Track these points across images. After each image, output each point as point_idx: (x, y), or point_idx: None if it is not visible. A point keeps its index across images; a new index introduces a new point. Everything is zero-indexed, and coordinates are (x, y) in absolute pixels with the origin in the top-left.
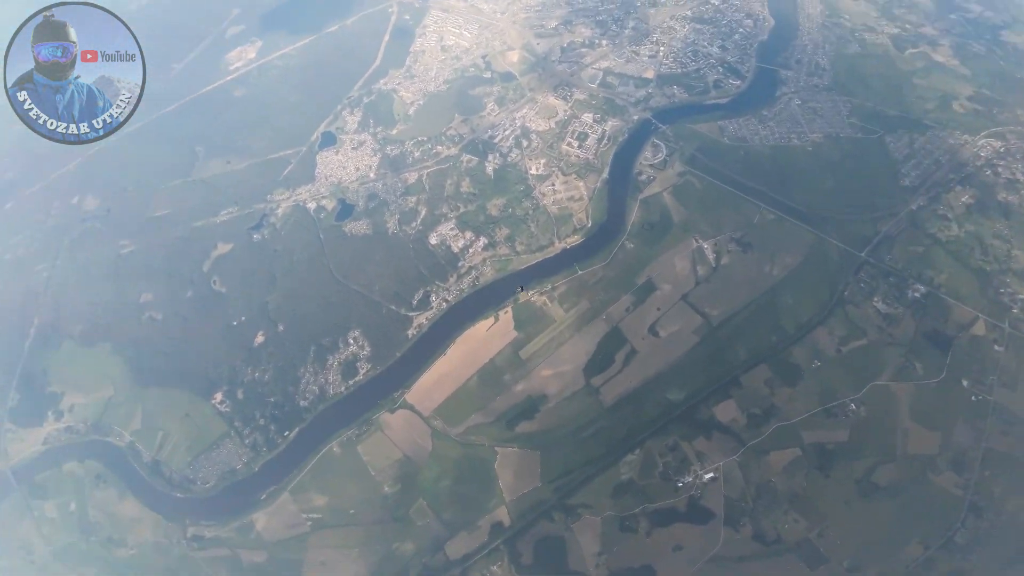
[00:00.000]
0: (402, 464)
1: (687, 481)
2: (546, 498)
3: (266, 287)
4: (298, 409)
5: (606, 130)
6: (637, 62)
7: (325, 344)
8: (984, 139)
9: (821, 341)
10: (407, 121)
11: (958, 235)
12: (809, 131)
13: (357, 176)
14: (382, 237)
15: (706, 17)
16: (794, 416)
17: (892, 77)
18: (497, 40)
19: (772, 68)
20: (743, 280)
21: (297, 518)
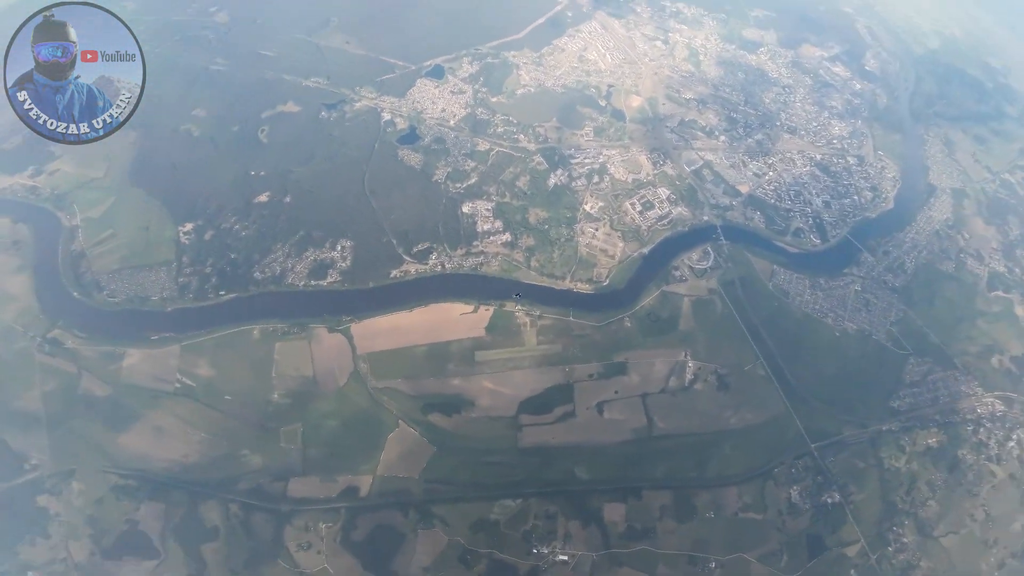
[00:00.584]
0: (306, 383)
1: (542, 552)
2: (413, 492)
3: (300, 159)
4: (249, 278)
5: (672, 213)
6: (740, 172)
7: (314, 236)
8: (992, 398)
9: (727, 499)
10: (511, 97)
11: (900, 469)
12: (848, 318)
13: (439, 116)
14: (425, 179)
15: (831, 169)
16: (663, 548)
17: (962, 309)
18: (630, 79)
19: (858, 246)
20: (702, 411)
21: (169, 375)
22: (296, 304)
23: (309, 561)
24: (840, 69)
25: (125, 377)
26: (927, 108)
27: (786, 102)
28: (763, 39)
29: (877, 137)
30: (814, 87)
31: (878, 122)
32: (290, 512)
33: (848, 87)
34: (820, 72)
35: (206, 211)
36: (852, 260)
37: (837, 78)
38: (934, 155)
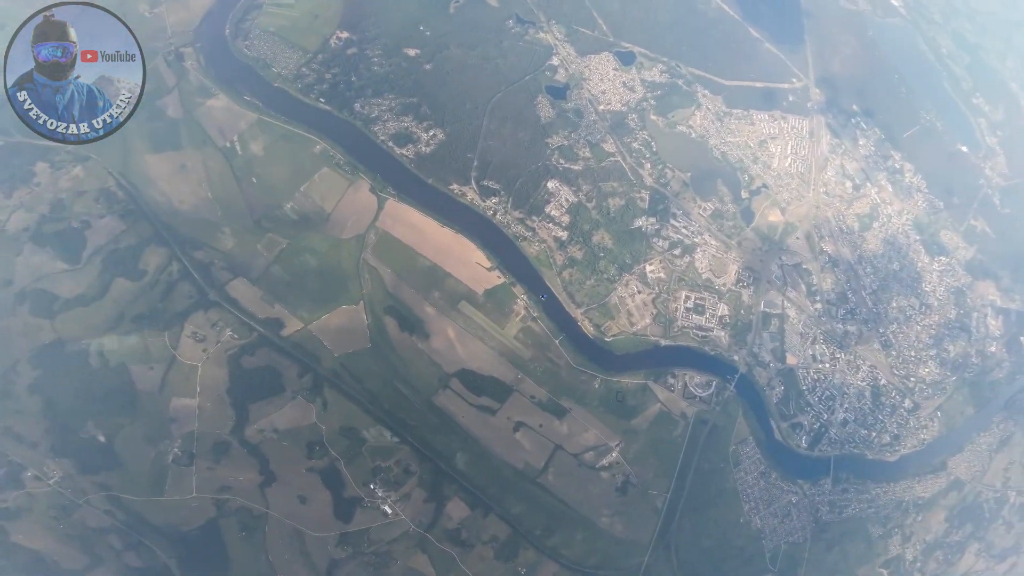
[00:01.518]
0: (319, 214)
1: (376, 492)
2: (323, 365)
3: (464, 44)
4: (350, 103)
5: (712, 330)
6: (803, 346)
7: (421, 110)
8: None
9: (543, 569)
10: (669, 127)
11: None
12: (759, 516)
13: (596, 93)
14: (540, 135)
15: (882, 399)
16: (466, 565)
17: (848, 567)
18: (787, 194)
19: (828, 472)
20: (590, 495)
21: (230, 132)
22: (365, 149)
23: (190, 352)
24: (996, 324)
25: (199, 113)
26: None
27: (910, 318)
28: (955, 251)
29: (951, 400)
30: (951, 323)
31: (970, 388)
32: (213, 303)
33: (982, 344)
34: (974, 315)
35: (365, 32)
36: (813, 477)
37: (983, 330)
38: (979, 444)
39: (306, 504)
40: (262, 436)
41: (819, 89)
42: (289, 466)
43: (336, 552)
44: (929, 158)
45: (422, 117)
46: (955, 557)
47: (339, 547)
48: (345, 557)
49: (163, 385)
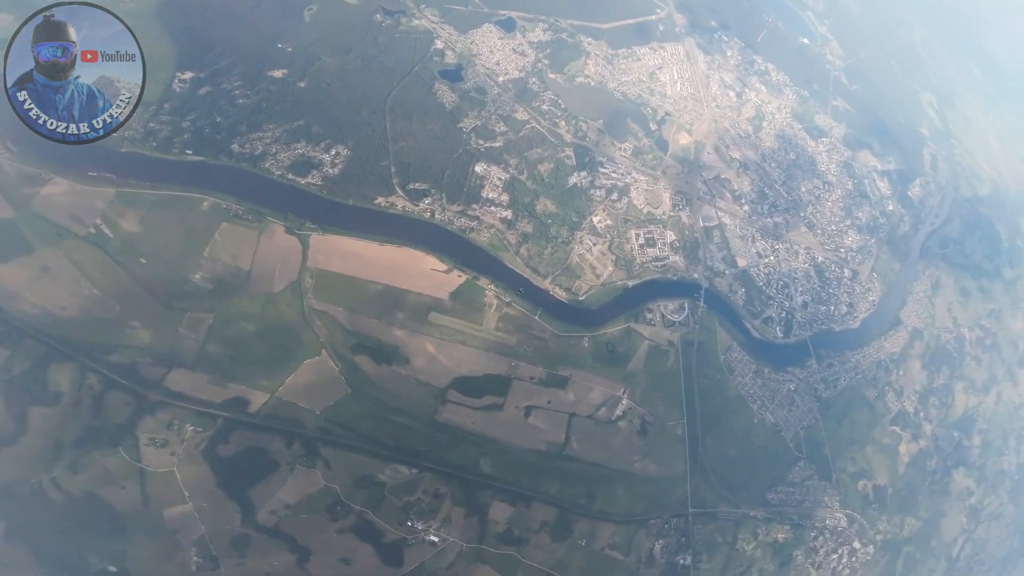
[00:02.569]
0: (237, 275)
1: (416, 527)
2: (306, 425)
3: (334, 50)
4: (225, 147)
5: (668, 258)
6: (746, 245)
7: (313, 131)
8: (842, 513)
9: (600, 532)
10: (568, 82)
11: (745, 551)
12: (770, 411)
13: (491, 67)
14: (450, 122)
15: (826, 274)
16: (528, 559)
17: (860, 433)
18: (688, 116)
19: (810, 352)
20: (615, 448)
21: (89, 216)
22: (263, 190)
23: (156, 459)
24: (884, 185)
25: (37, 205)
26: (939, 248)
27: (819, 197)
28: (831, 131)
29: (879, 259)
30: (851, 193)
31: (888, 246)
32: (158, 403)
33: (881, 205)
34: (865, 181)
35: (214, 66)
36: (799, 361)
37: (876, 193)
38: (917, 293)
39: (352, 564)
40: (277, 517)
41: (680, 14)
42: (318, 535)
43: None
44: (783, 55)
45: (316, 138)
46: (948, 399)
47: None
48: None
49: (145, 500)
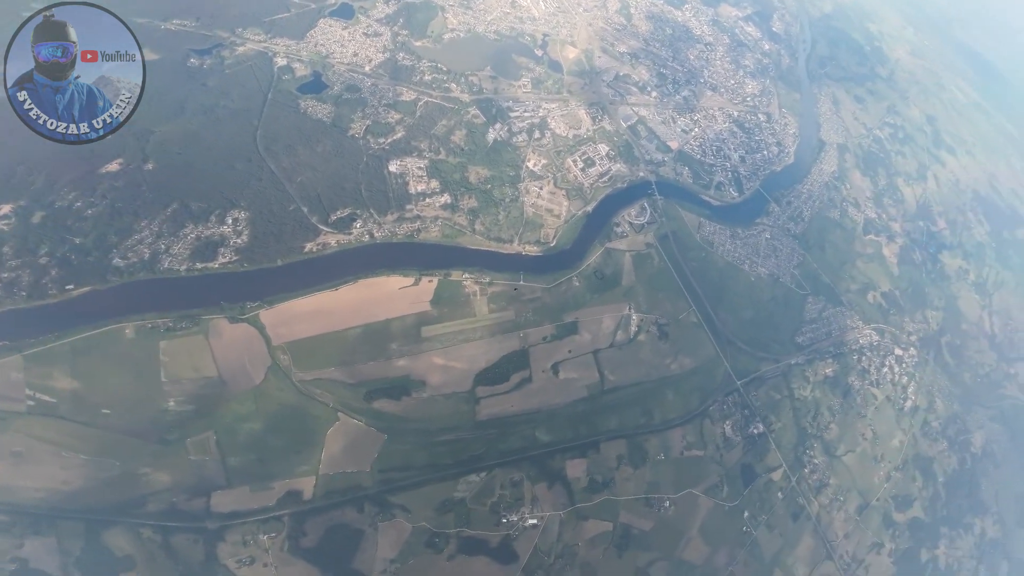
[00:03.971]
0: (210, 384)
1: (511, 520)
2: (366, 486)
3: (164, 116)
4: (106, 266)
5: (612, 169)
6: (670, 128)
7: (193, 209)
8: (870, 329)
9: (673, 440)
10: (438, 42)
11: (806, 397)
12: (761, 264)
13: (350, 61)
14: (338, 134)
15: (746, 125)
16: (623, 495)
17: (845, 252)
18: (565, 30)
19: (767, 198)
20: (646, 361)
21: (15, 391)
22: (180, 293)
23: (252, 574)
24: (752, 29)
25: None
26: (820, 69)
27: (708, 59)
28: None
29: (781, 95)
30: (731, 46)
31: (782, 81)
32: (220, 529)
33: (758, 47)
34: (736, 31)
35: (29, 187)
36: (762, 211)
37: (749, 38)
38: (824, 112)
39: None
40: (390, 574)
41: None
42: (434, 572)
43: None
44: None
45: (201, 215)
46: (897, 195)
47: (543, 574)
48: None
49: None
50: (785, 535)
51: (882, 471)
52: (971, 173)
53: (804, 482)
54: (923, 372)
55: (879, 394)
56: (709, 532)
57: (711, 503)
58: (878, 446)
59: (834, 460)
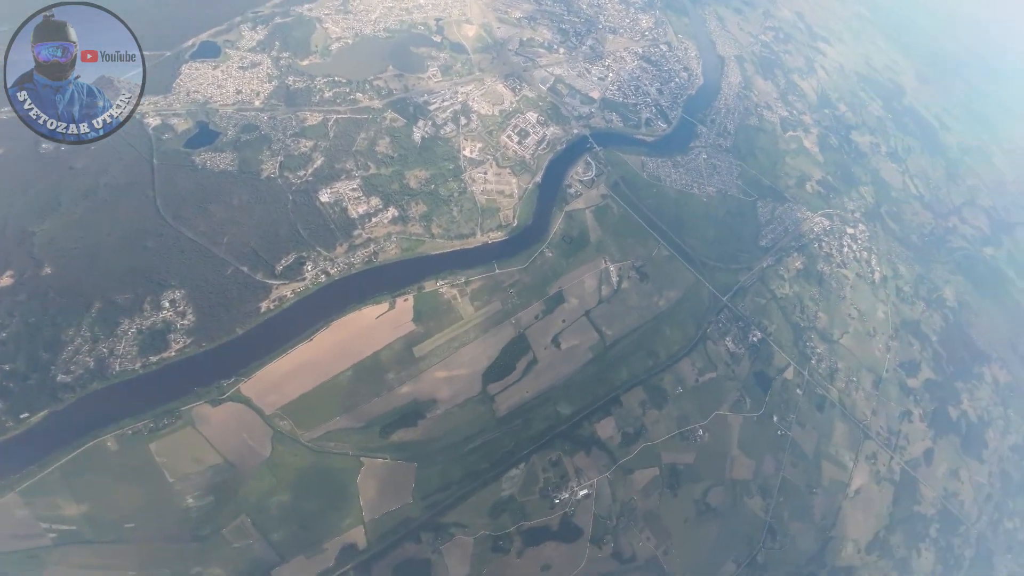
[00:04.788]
0: (219, 471)
1: (563, 498)
2: (414, 516)
3: (39, 212)
4: (52, 385)
5: (547, 134)
6: (587, 80)
7: (120, 303)
8: (819, 217)
9: (684, 371)
10: (325, 55)
11: (788, 294)
12: (707, 184)
13: (236, 100)
14: (250, 179)
15: (653, 58)
16: (657, 437)
17: (773, 153)
18: (456, 9)
19: (693, 121)
20: (636, 306)
21: (31, 527)
22: (145, 392)
23: None
24: None
25: None
26: None
27: (600, 5)
28: None
29: (673, 23)
30: None
31: (670, 9)
32: None
33: None
34: None
35: None
36: (692, 134)
37: None
38: (714, 30)
39: (552, 565)
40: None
41: None
42: (510, 572)
43: (603, 551)
44: None
45: (132, 307)
46: (798, 89)
47: (599, 544)
48: (610, 544)
49: None
50: (818, 427)
51: (879, 344)
52: (849, 58)
53: (815, 373)
54: (877, 243)
55: (849, 273)
56: (748, 446)
57: (740, 418)
58: (867, 322)
59: (834, 345)
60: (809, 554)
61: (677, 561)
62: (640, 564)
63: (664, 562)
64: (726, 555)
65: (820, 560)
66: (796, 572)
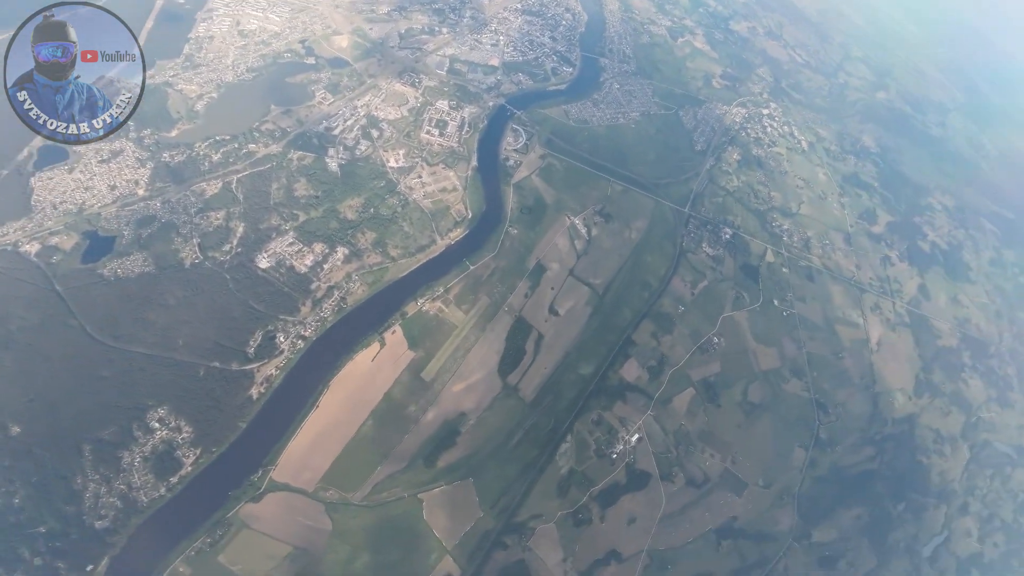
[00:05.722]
0: (295, 559)
1: (619, 450)
2: (492, 527)
3: None
4: (95, 533)
5: (464, 117)
6: (481, 50)
7: (108, 438)
8: (735, 108)
9: (678, 288)
10: (194, 118)
11: (738, 185)
12: (630, 110)
13: (115, 197)
14: (175, 273)
15: (533, 9)
16: (680, 360)
17: (673, 62)
18: (318, 24)
19: (594, 57)
20: (612, 247)
21: None
22: (183, 512)
23: None
24: None
25: None
26: None
27: None
28: None
29: None
30: None
31: None
32: None
33: None
34: None
35: None
36: (598, 69)
37: None
38: None
39: (637, 517)
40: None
41: None
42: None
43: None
44: None
45: (123, 438)
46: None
47: (671, 479)
48: (680, 475)
49: None
50: (816, 296)
51: (834, 203)
52: None
53: (791, 248)
54: (791, 116)
55: (780, 150)
56: (763, 336)
57: (745, 314)
58: (814, 187)
59: (796, 217)
60: (865, 416)
61: (747, 465)
62: (716, 482)
63: (736, 471)
64: (790, 443)
65: (879, 418)
66: (863, 437)
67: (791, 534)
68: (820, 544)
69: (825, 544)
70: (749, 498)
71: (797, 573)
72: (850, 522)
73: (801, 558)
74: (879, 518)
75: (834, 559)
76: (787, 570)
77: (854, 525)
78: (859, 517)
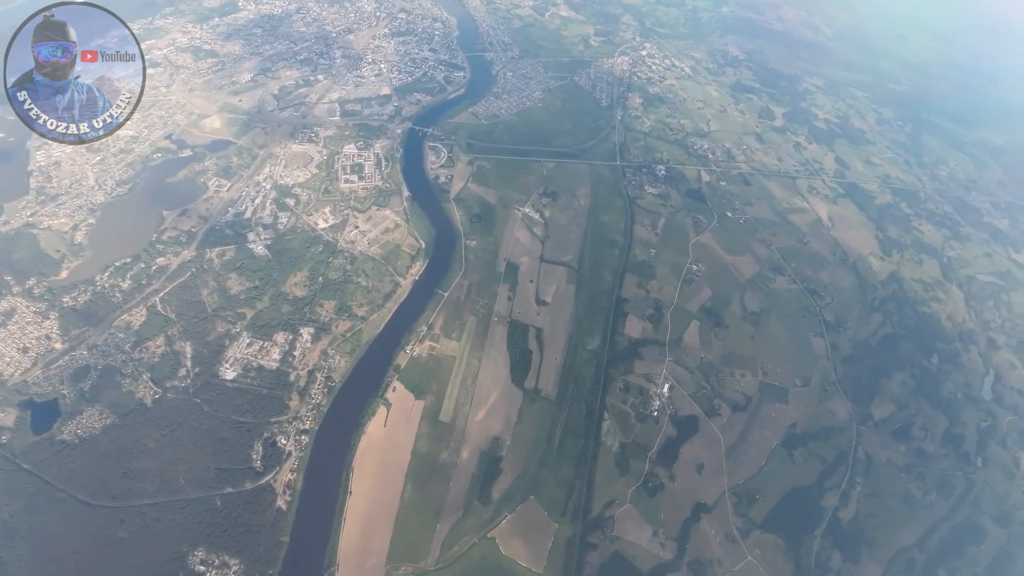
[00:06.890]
0: None
1: (657, 405)
2: (572, 533)
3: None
4: None
5: (378, 153)
6: (367, 84)
7: None
8: (619, 58)
9: (641, 234)
10: (79, 253)
11: (651, 125)
12: (530, 92)
13: (33, 360)
14: (139, 416)
15: (402, 30)
16: (672, 298)
17: (549, 36)
18: (178, 114)
19: (478, 55)
20: (568, 221)
21: None
22: None
23: None
24: None
25: None
26: None
27: (312, 20)
28: None
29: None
30: None
31: None
32: None
33: None
34: None
35: None
36: (487, 65)
37: None
38: None
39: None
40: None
41: None
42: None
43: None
44: None
45: None
46: None
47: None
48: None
49: None
50: (759, 196)
51: (734, 112)
52: None
53: (719, 163)
54: (665, 49)
55: (671, 81)
56: (733, 248)
57: (709, 235)
58: (712, 104)
59: (710, 135)
60: (855, 287)
61: (778, 371)
62: (756, 398)
63: (772, 380)
64: (804, 334)
65: (868, 285)
66: (864, 307)
67: (853, 420)
68: (884, 420)
69: (888, 419)
70: (796, 401)
71: (879, 455)
72: (899, 389)
73: (874, 439)
74: (922, 377)
75: (906, 429)
76: (869, 457)
77: (904, 391)
78: (904, 383)
